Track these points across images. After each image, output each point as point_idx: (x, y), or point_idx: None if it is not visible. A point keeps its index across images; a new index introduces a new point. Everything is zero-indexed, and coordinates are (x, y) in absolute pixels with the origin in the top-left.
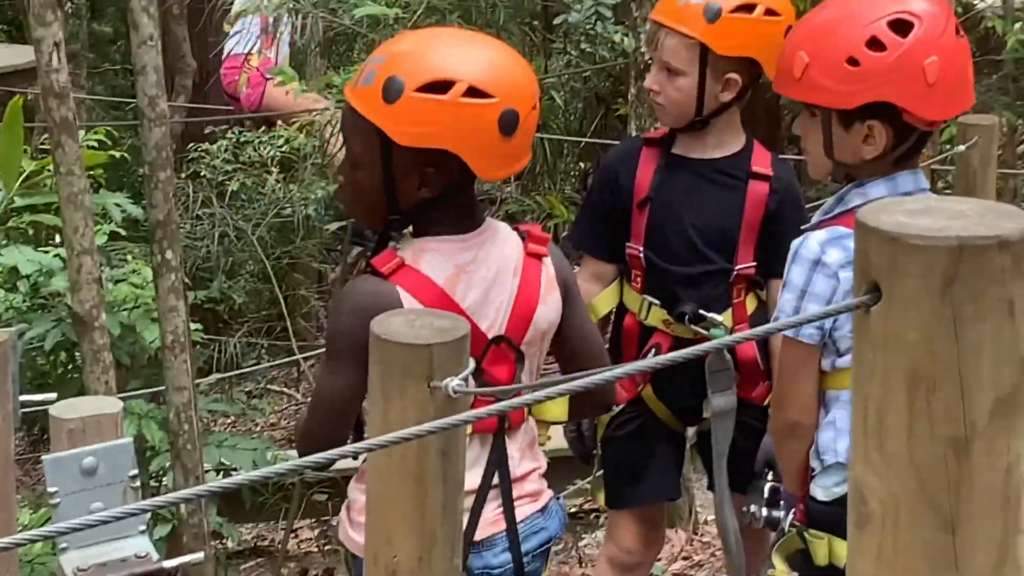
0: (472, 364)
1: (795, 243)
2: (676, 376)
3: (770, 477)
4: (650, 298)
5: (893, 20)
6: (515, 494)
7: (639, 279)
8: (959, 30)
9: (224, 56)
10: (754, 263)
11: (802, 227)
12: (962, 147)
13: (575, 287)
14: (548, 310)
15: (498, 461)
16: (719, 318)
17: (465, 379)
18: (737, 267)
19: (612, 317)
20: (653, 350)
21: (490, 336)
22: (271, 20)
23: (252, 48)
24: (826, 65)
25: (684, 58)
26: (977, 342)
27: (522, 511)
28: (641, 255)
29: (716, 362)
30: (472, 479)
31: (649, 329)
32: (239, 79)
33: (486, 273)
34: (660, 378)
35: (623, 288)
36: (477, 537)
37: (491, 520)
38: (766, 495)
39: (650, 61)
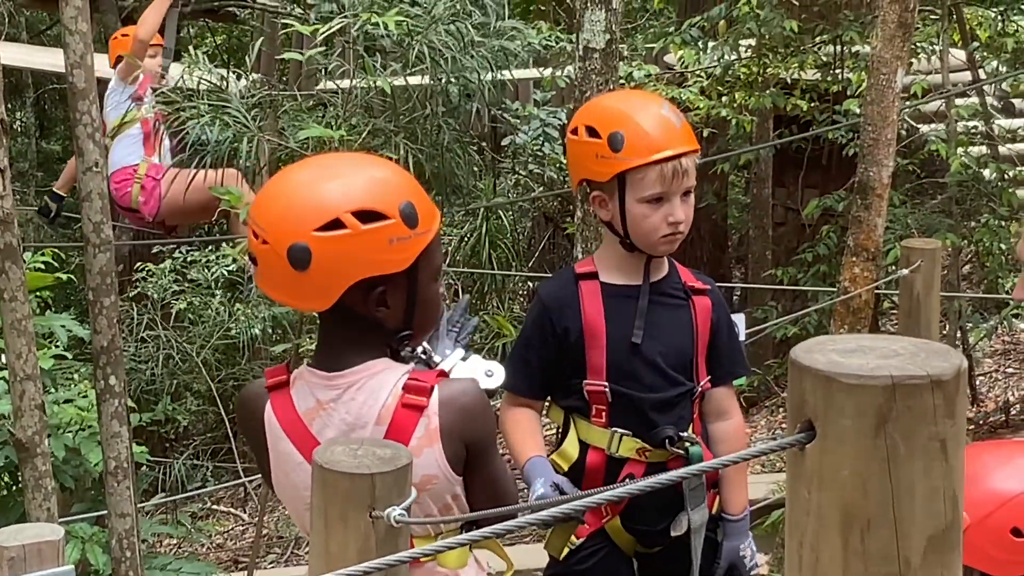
0: (414, 493)
1: None
2: (649, 501)
3: None
4: (620, 430)
5: None
6: None
7: (603, 413)
8: None
9: (110, 172)
10: (708, 377)
11: None
12: (905, 271)
13: (485, 443)
14: (421, 463)
15: None
16: (695, 437)
17: (407, 508)
18: (700, 384)
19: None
20: (627, 480)
21: None
22: (152, 124)
23: (138, 157)
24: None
25: (694, 173)
26: (910, 480)
27: None
28: (606, 389)
29: (693, 480)
30: None
31: (619, 461)
32: (132, 191)
33: (345, 415)
34: (630, 506)
35: (577, 426)
36: None
37: None
38: None
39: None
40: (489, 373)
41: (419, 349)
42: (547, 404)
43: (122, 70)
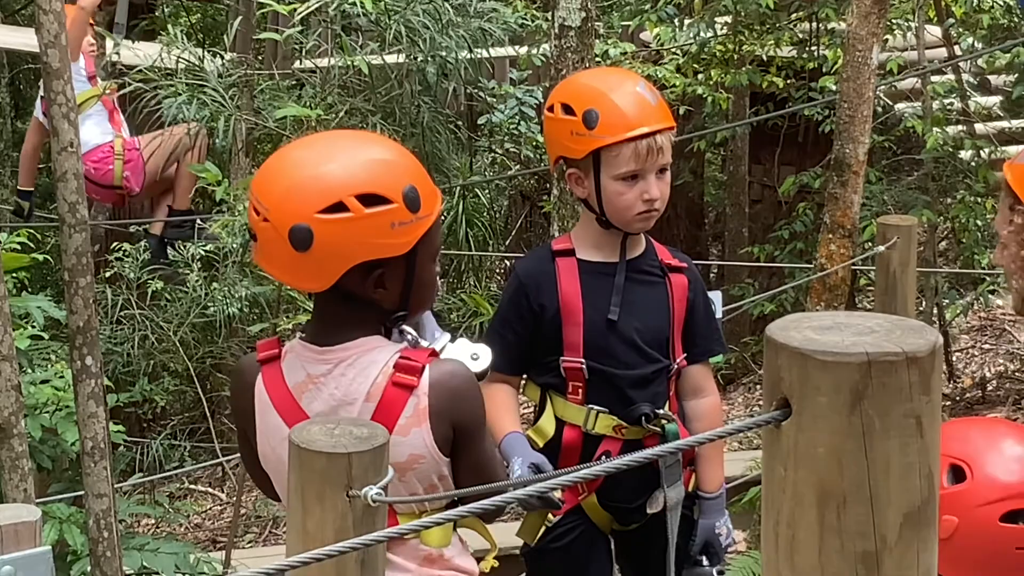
0: (391, 472)
1: None
2: (626, 479)
3: (706, 562)
4: (597, 407)
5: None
6: None
7: (579, 390)
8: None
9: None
10: (685, 354)
11: None
12: (882, 247)
13: (474, 426)
14: (408, 442)
15: None
16: (672, 414)
17: (384, 488)
18: (676, 361)
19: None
20: (603, 457)
21: None
22: (114, 99)
23: (110, 134)
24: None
25: (670, 150)
26: (886, 457)
27: None
28: (583, 366)
29: (670, 456)
30: None
31: (595, 438)
32: (114, 168)
33: (334, 391)
34: (607, 484)
35: (553, 403)
36: None
37: None
38: None
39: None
40: (475, 356)
41: (407, 335)
42: (523, 381)
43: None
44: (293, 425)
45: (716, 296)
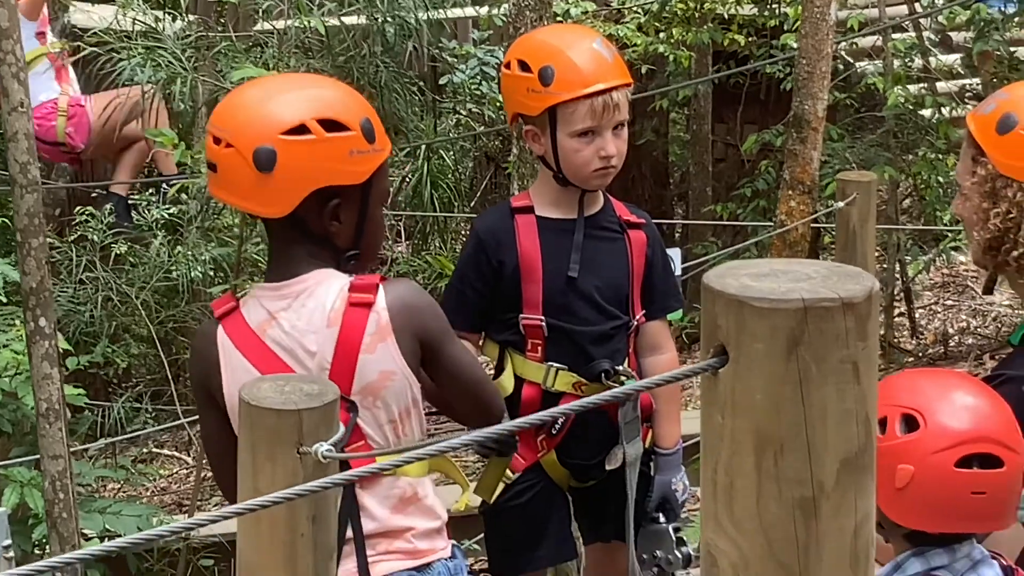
0: (342, 429)
1: None
2: (585, 435)
3: (662, 519)
4: (556, 364)
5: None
6: (382, 548)
7: (539, 348)
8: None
9: None
10: (644, 311)
11: None
12: (841, 203)
13: (438, 334)
14: (377, 359)
15: (347, 516)
16: (631, 371)
17: (335, 444)
18: (635, 318)
19: None
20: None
21: None
22: (64, 58)
23: (55, 91)
24: None
25: (626, 107)
26: (823, 404)
27: (388, 566)
28: (543, 323)
29: (629, 412)
30: None
31: (554, 395)
32: (56, 124)
33: (296, 321)
34: (566, 440)
35: (512, 360)
36: None
37: (349, 574)
38: (674, 537)
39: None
40: None
41: None
42: (482, 339)
43: (27, 7)
44: (260, 364)
45: (675, 253)
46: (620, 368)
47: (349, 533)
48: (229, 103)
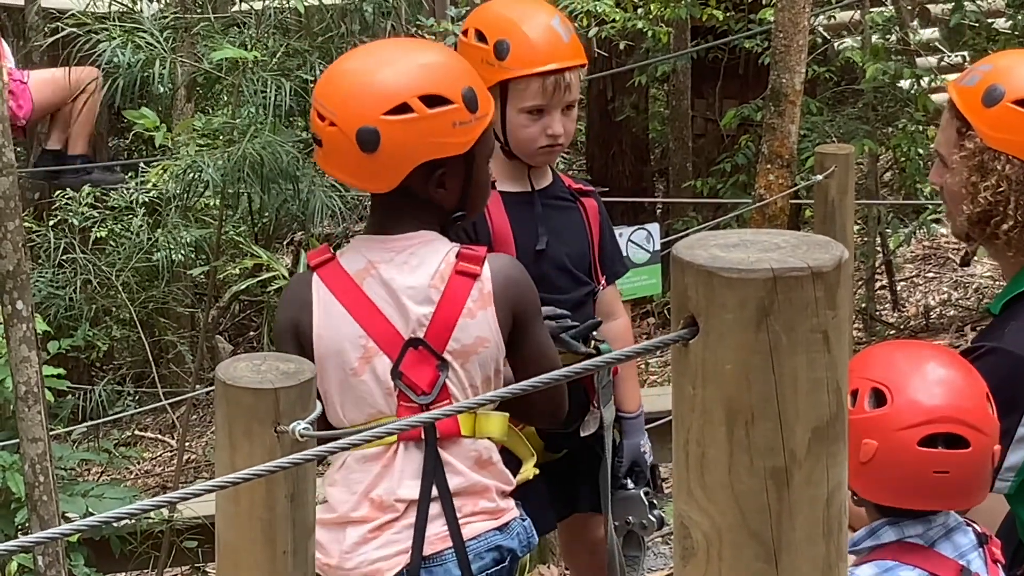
0: (319, 407)
1: None
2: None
3: (631, 485)
4: None
5: None
6: (467, 510)
7: None
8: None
9: None
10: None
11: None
12: (819, 176)
13: (532, 313)
14: (476, 324)
15: (432, 472)
16: (604, 337)
17: (312, 423)
18: (599, 284)
19: None
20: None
21: (406, 338)
22: None
23: None
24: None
25: (578, 87)
26: (793, 373)
27: (474, 528)
28: None
29: (604, 377)
30: (409, 491)
31: None
32: None
33: (396, 275)
34: None
35: None
36: (426, 552)
37: (439, 535)
38: (646, 501)
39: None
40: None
41: None
42: None
43: None
44: (354, 310)
45: (654, 228)
46: (595, 335)
47: (433, 492)
48: (331, 77)
